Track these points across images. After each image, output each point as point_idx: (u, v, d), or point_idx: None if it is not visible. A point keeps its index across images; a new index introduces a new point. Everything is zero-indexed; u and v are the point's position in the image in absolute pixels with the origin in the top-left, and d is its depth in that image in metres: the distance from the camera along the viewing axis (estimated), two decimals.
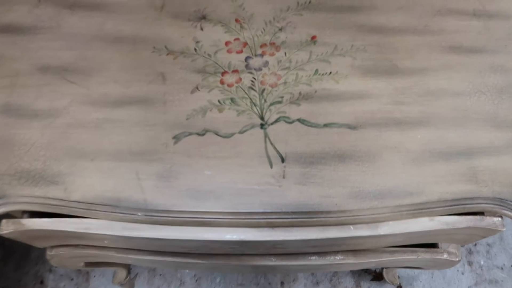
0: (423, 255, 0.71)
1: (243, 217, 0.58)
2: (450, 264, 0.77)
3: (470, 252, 1.27)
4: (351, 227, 0.59)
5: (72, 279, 1.30)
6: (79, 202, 0.59)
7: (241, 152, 0.62)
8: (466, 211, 0.59)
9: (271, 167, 0.60)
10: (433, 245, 0.73)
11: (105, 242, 0.65)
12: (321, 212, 0.58)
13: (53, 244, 0.70)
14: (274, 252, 0.67)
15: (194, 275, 1.27)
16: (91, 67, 0.69)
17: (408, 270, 1.21)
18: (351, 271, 1.23)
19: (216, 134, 0.63)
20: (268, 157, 0.61)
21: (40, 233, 0.61)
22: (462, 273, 1.21)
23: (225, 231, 0.59)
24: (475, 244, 1.30)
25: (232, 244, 0.61)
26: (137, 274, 1.29)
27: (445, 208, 0.59)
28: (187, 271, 1.28)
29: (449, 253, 0.71)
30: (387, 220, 0.59)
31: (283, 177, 0.60)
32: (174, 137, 0.63)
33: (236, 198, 0.59)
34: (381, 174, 0.60)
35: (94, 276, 1.30)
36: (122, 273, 1.22)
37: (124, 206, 0.59)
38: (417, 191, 0.59)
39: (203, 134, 0.63)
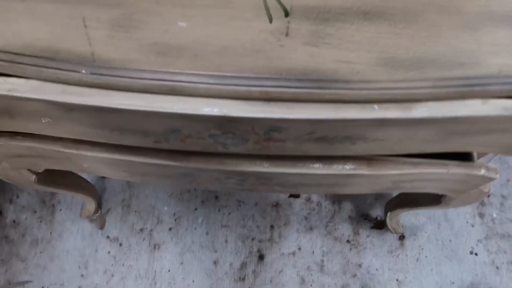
0: (455, 170, 0.56)
1: (229, 82, 0.42)
2: (484, 183, 0.61)
3: (482, 203, 1.13)
4: (375, 106, 0.42)
5: (35, 212, 1.14)
6: (0, 51, 0.43)
7: (230, 1, 0.44)
8: None
9: (271, 21, 0.44)
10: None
11: (43, 120, 0.48)
12: (337, 81, 0.42)
13: None
14: (266, 151, 0.51)
15: (174, 214, 1.12)
16: None
17: (412, 219, 1.06)
18: (349, 216, 1.09)
19: None
20: (267, 8, 0.44)
21: None
22: (472, 225, 1.07)
23: (203, 102, 0.42)
24: (488, 196, 1.16)
25: (212, 126, 0.45)
26: (109, 209, 1.14)
27: (505, 86, 0.43)
28: (166, 208, 1.13)
29: (487, 168, 0.56)
30: (425, 100, 0.43)
31: (286, 35, 0.43)
32: None
33: (220, 57, 0.43)
34: (421, 38, 0.44)
35: (60, 210, 1.14)
36: (90, 205, 1.07)
37: (63, 60, 0.42)
38: (470, 62, 0.43)
39: None
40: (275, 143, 0.49)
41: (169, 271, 1.07)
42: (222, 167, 0.54)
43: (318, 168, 0.54)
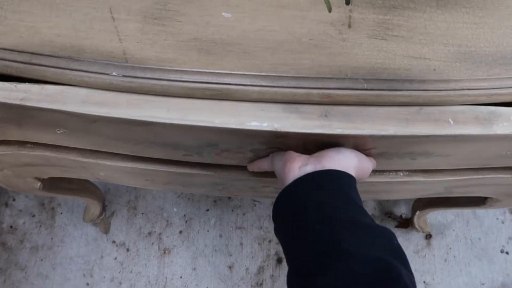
0: None
1: (285, 83, 0.36)
2: None
3: None
4: (450, 120, 0.36)
5: (33, 216, 1.07)
6: (13, 50, 0.36)
7: None
8: None
9: (330, 11, 0.37)
10: None
11: (58, 131, 0.41)
12: (411, 81, 0.36)
13: None
14: None
15: (184, 215, 1.06)
16: None
17: (439, 216, 1.01)
18: (372, 215, 1.03)
19: None
20: None
21: None
22: (502, 222, 1.02)
23: (249, 115, 0.36)
24: None
25: (257, 141, 0.39)
26: (113, 212, 1.07)
27: None
28: (175, 209, 1.07)
29: None
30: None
31: (349, 26, 0.37)
32: None
33: (274, 55, 0.36)
34: (504, 28, 0.38)
35: (61, 213, 1.07)
36: (95, 208, 1.00)
37: (89, 60, 0.36)
38: None
39: None
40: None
41: (181, 277, 1.01)
42: (261, 176, 0.48)
43: (369, 176, 0.49)
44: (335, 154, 0.39)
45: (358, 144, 0.40)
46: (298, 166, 0.38)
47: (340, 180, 0.38)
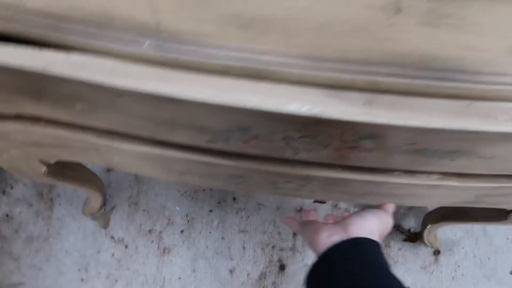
0: None
1: (330, 65, 0.33)
2: None
3: None
4: (498, 117, 0.34)
5: (31, 205, 1.04)
6: (38, 13, 0.33)
7: None
8: None
9: None
10: None
11: (77, 106, 0.39)
12: (463, 72, 0.34)
13: None
14: (342, 161, 0.43)
15: (186, 215, 1.03)
16: None
17: (448, 232, 0.99)
18: None
19: None
20: None
21: None
22: None
23: (289, 96, 0.33)
24: None
25: (293, 128, 0.36)
26: (114, 207, 1.04)
27: None
28: (177, 208, 1.04)
29: None
30: None
31: (398, 11, 0.35)
32: None
33: (318, 36, 0.34)
34: None
35: (60, 204, 1.04)
36: (96, 201, 0.97)
37: (120, 28, 0.33)
38: None
39: None
40: (359, 152, 0.40)
41: (179, 278, 0.97)
42: (287, 170, 0.46)
43: (398, 177, 0.46)
44: (359, 220, 0.46)
45: (397, 136, 0.37)
46: (326, 236, 0.44)
47: (366, 248, 0.42)
